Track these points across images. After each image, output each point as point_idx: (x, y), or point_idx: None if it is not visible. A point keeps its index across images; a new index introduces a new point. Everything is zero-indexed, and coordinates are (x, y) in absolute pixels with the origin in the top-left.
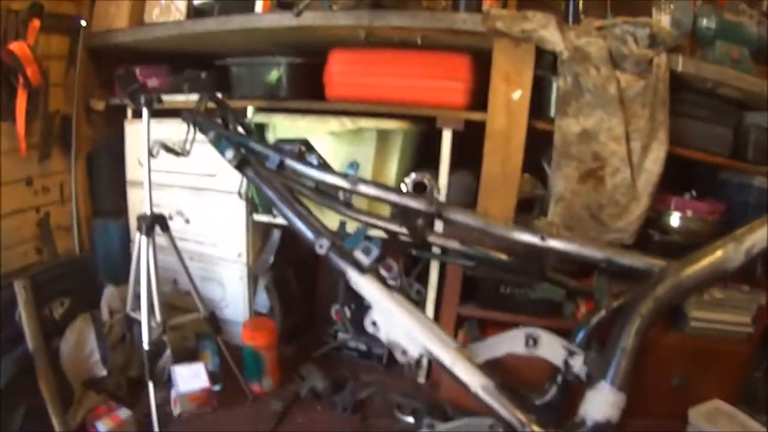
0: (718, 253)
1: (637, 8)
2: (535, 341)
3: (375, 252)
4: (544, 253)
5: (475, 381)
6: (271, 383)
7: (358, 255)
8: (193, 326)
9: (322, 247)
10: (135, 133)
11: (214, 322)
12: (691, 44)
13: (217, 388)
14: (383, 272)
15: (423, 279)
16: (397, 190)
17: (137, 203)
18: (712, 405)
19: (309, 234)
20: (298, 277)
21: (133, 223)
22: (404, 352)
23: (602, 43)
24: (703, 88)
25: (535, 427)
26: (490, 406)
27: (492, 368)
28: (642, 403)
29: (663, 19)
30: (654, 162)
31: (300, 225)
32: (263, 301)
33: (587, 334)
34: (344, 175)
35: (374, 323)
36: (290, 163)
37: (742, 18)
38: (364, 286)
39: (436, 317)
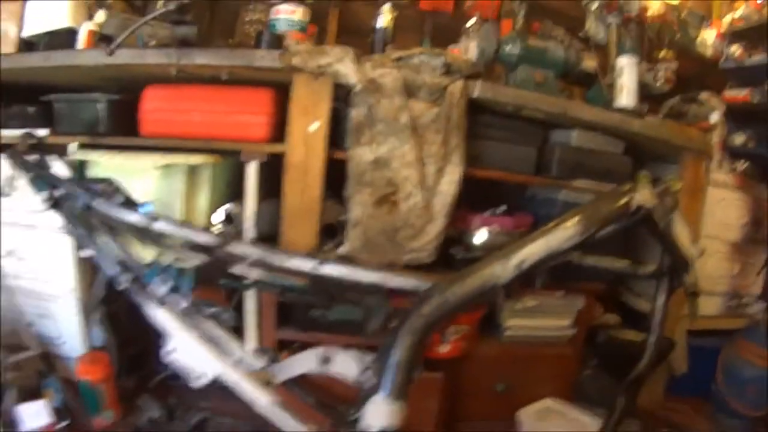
0: (486, 271)
1: (456, 35)
2: (328, 359)
3: (168, 285)
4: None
5: (261, 399)
6: (113, 416)
7: (154, 288)
8: (35, 365)
9: (122, 282)
10: None
11: (48, 360)
12: (501, 69)
13: (63, 424)
14: (183, 303)
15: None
16: (187, 225)
17: None
18: (542, 404)
19: (111, 271)
20: (131, 310)
21: None
22: (199, 377)
23: (397, 74)
24: (505, 111)
25: None
26: (277, 423)
27: (310, 386)
28: (469, 409)
29: (471, 46)
30: (449, 184)
31: (105, 262)
32: (98, 335)
33: None
34: (141, 214)
35: (172, 351)
36: (95, 204)
37: (548, 43)
38: (159, 317)
39: (259, 341)
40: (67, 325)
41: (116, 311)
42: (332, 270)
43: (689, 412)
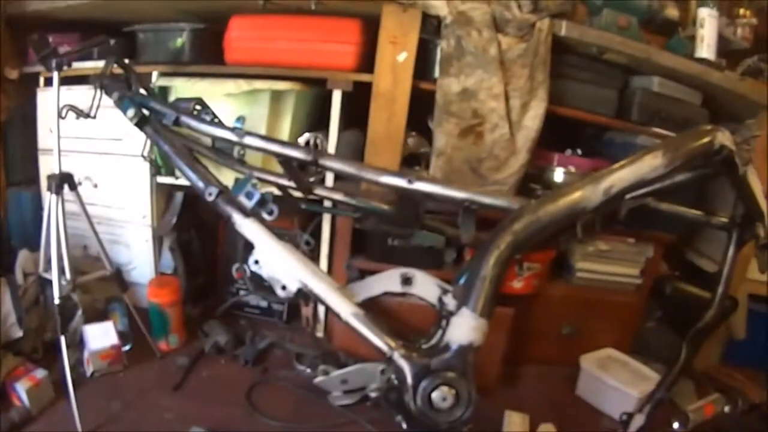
0: (577, 193)
1: None
2: (410, 280)
3: (256, 196)
4: (418, 200)
5: (346, 309)
6: (178, 340)
7: (242, 199)
8: (103, 290)
9: (210, 194)
10: (47, 100)
11: (120, 279)
12: (585, 12)
13: (127, 347)
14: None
15: (317, 235)
16: (279, 141)
17: (48, 171)
18: (604, 353)
19: (200, 184)
20: (201, 239)
21: (44, 191)
22: (284, 287)
23: (486, 8)
24: (589, 52)
25: (402, 351)
26: (359, 333)
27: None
28: (535, 350)
29: None
30: (533, 119)
31: (192, 175)
32: (168, 262)
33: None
34: (232, 129)
35: (257, 262)
36: (185, 119)
37: None
38: (247, 227)
39: (329, 271)
40: (138, 251)
41: (188, 239)
42: (423, 187)
43: (743, 379)
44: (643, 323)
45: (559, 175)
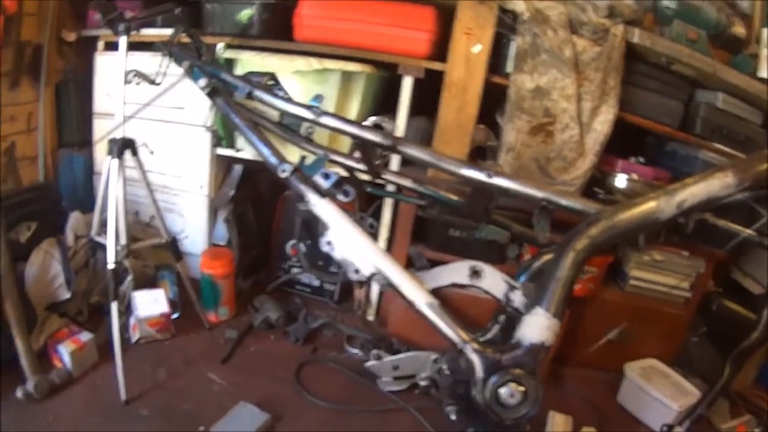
0: (651, 204)
1: None
2: (478, 273)
3: (333, 177)
4: (490, 195)
5: (421, 298)
6: (227, 313)
7: (318, 179)
8: (154, 257)
9: (285, 171)
10: (106, 64)
11: (175, 248)
12: (652, 21)
13: (175, 315)
14: (341, 198)
15: (378, 218)
16: (357, 123)
17: (103, 134)
18: (647, 362)
19: (273, 159)
20: (256, 213)
21: (97, 155)
22: (357, 271)
23: (562, 8)
24: (658, 62)
25: (474, 345)
26: (433, 323)
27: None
28: (582, 353)
29: None
30: (603, 123)
31: (265, 151)
32: (222, 233)
33: (529, 275)
34: (309, 107)
35: (329, 243)
36: (258, 93)
37: (702, 2)
38: (323, 207)
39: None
40: (192, 221)
41: (244, 212)
42: (502, 182)
43: None
44: (688, 337)
45: (621, 181)
